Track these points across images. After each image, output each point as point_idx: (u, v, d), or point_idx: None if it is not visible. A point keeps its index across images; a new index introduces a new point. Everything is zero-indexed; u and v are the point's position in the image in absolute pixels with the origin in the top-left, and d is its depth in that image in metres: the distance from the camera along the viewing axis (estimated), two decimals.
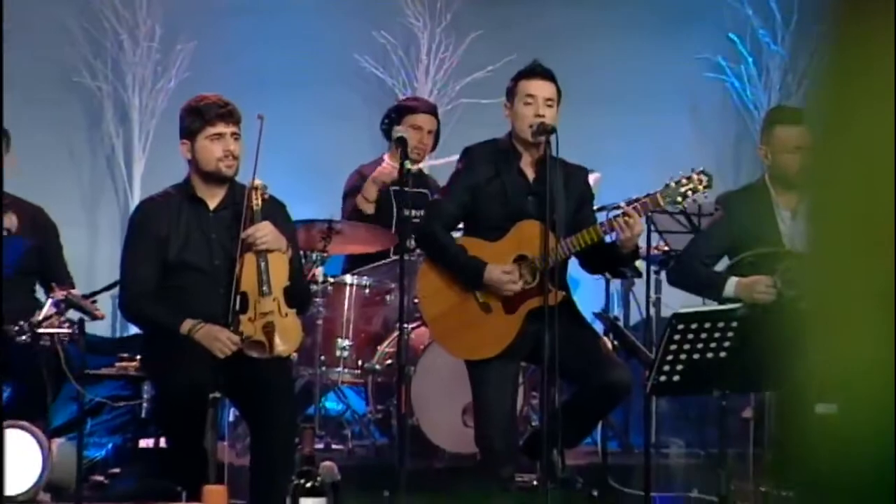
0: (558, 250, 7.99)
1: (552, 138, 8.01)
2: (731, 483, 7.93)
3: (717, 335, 7.66)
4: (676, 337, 7.59)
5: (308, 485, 5.28)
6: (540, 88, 8.18)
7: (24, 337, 8.54)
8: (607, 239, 8.09)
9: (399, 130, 9.05)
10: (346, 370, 9.55)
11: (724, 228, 8.66)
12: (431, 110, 10.00)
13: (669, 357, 7.64)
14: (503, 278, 8.07)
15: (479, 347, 8.15)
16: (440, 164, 10.06)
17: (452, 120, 9.82)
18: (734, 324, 7.60)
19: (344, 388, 9.78)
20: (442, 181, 8.83)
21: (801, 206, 8.47)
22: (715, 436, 8.35)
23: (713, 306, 8.11)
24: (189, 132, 8.07)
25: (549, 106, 8.13)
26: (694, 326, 7.62)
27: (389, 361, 9.42)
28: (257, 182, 8.02)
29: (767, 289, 8.25)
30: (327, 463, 6.32)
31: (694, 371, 7.59)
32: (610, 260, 8.39)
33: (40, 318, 8.71)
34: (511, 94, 8.24)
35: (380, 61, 10.73)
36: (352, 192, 9.93)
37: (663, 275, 9.83)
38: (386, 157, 9.89)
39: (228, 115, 8.06)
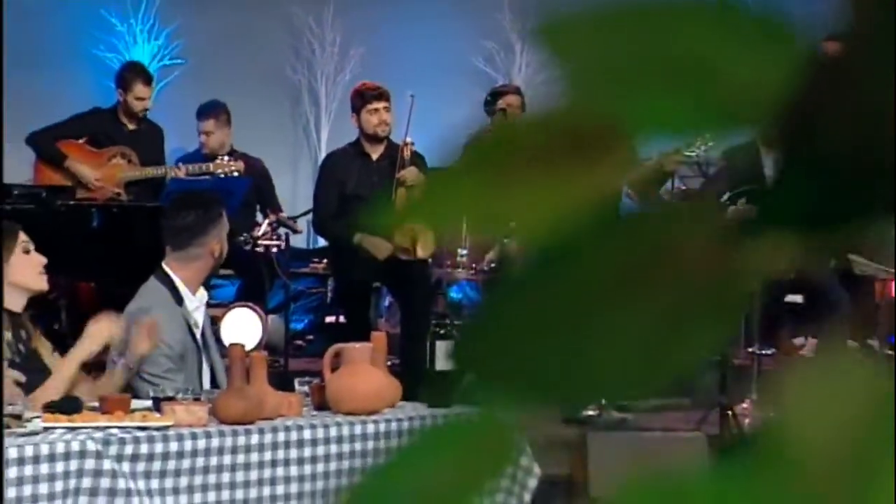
0: None
1: None
2: None
3: None
4: None
5: (441, 331, 5.36)
6: None
7: (248, 246, 8.70)
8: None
9: (500, 104, 9.17)
10: (463, 270, 9.64)
11: None
12: (518, 91, 10.08)
13: None
14: None
15: None
16: None
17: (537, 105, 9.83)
18: None
19: (462, 282, 9.87)
20: None
21: None
22: None
23: None
24: (356, 108, 8.25)
25: None
26: None
27: (494, 264, 9.52)
28: (407, 140, 8.17)
29: None
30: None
31: None
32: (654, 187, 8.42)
33: (259, 233, 8.85)
34: None
35: (488, 61, 10.78)
36: None
37: None
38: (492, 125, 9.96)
39: (381, 95, 8.20)
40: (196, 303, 5.10)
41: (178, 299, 5.03)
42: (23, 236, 4.75)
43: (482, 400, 0.59)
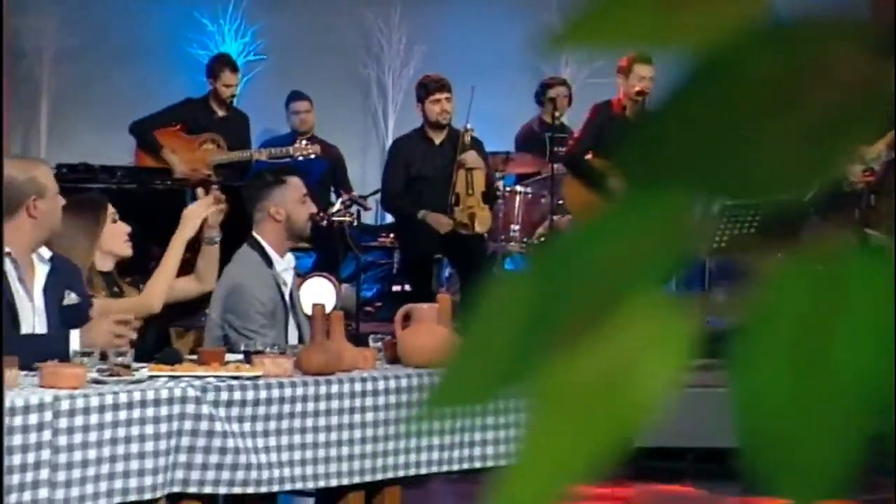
0: None
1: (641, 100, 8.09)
2: None
3: None
4: None
5: None
6: (647, 72, 8.18)
7: (323, 223, 8.73)
8: None
9: (549, 95, 9.18)
10: (516, 244, 9.63)
11: None
12: (565, 83, 10.04)
13: None
14: (617, 185, 8.14)
15: None
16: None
17: (582, 96, 9.78)
18: None
19: (515, 255, 9.87)
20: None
21: None
22: None
23: None
24: (420, 98, 8.26)
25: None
26: None
27: (543, 238, 9.51)
28: (467, 126, 8.17)
29: None
30: None
31: None
32: None
33: (333, 210, 8.89)
34: (626, 72, 8.23)
35: (539, 56, 10.73)
36: (527, 135, 9.95)
37: None
38: (542, 114, 9.92)
39: (443, 87, 8.21)
40: (284, 265, 5.14)
41: (269, 262, 5.07)
42: (111, 209, 4.83)
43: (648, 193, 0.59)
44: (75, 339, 4.14)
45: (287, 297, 5.14)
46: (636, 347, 0.59)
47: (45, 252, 4.36)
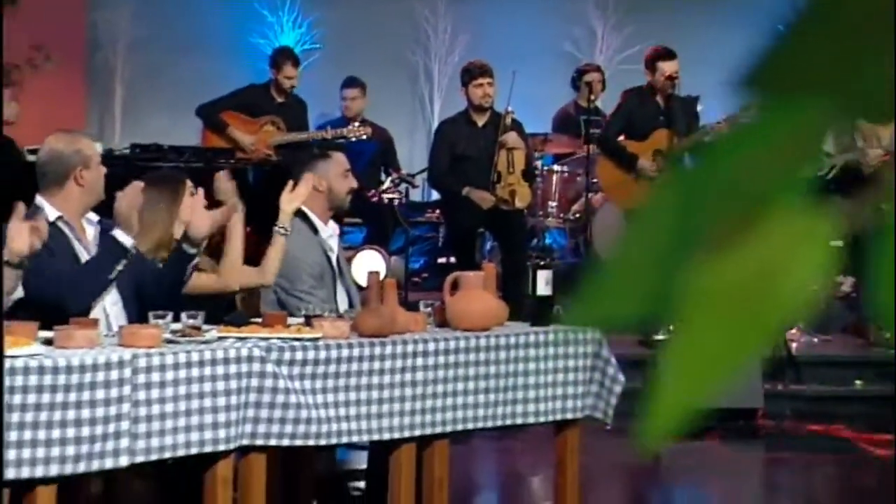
0: (679, 147, 7.98)
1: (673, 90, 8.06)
2: None
3: None
4: None
5: (541, 263, 5.22)
6: (671, 67, 8.14)
7: (374, 199, 8.76)
8: (707, 140, 8.08)
9: (584, 80, 9.16)
10: (553, 219, 9.63)
11: None
12: (599, 69, 10.01)
13: None
14: (646, 164, 8.10)
15: (632, 201, 8.20)
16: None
17: (615, 81, 9.74)
18: None
19: (553, 229, 9.88)
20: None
21: None
22: None
23: None
24: (464, 83, 8.24)
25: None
26: None
27: (578, 214, 9.50)
28: (508, 109, 8.15)
29: None
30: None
31: None
32: None
33: (383, 188, 8.92)
34: (651, 65, 8.20)
35: (575, 44, 10.72)
36: (563, 117, 9.93)
37: None
38: (578, 98, 9.90)
39: (485, 72, 8.18)
40: (329, 232, 5.18)
41: (314, 229, 5.11)
42: (189, 183, 4.86)
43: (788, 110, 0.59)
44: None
45: (334, 263, 5.19)
46: (781, 250, 0.59)
47: (93, 216, 4.49)
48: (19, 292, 4.11)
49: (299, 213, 5.07)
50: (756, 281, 0.59)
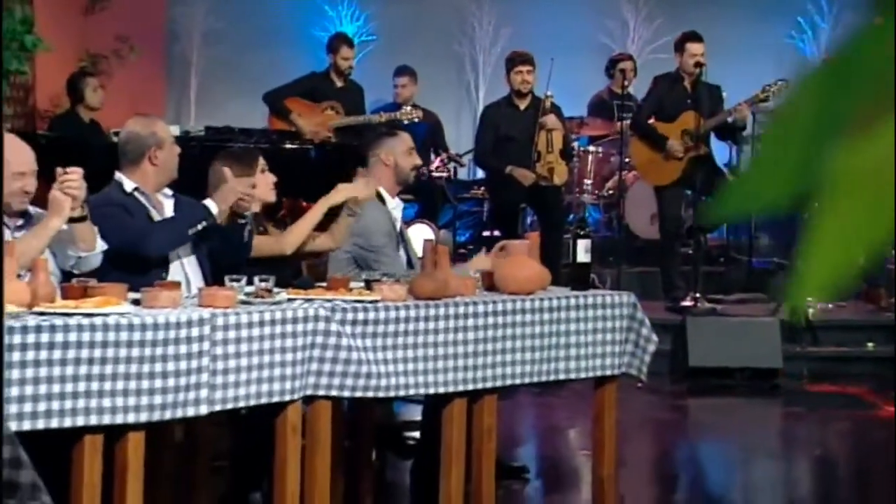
0: (704, 126, 7.94)
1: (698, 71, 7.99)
2: None
3: None
4: None
5: (581, 233, 5.17)
6: (699, 49, 8.08)
7: (424, 178, 8.74)
8: (729, 119, 8.01)
9: (617, 68, 9.10)
10: (588, 195, 9.60)
11: None
12: (631, 58, 9.92)
13: None
14: (675, 144, 8.04)
15: (661, 179, 8.16)
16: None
17: (645, 69, 9.65)
18: None
19: (588, 205, 9.85)
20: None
21: None
22: None
23: None
24: (507, 70, 8.22)
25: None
26: None
27: (612, 191, 9.45)
28: (548, 93, 8.11)
29: None
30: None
31: None
32: (730, 131, 8.30)
33: (433, 166, 8.90)
34: (680, 49, 8.14)
35: (608, 35, 10.64)
36: (598, 102, 9.87)
37: None
38: (611, 84, 9.85)
39: (525, 60, 8.16)
40: (394, 204, 5.18)
41: (382, 200, 5.11)
42: (261, 161, 4.88)
43: None
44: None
45: (397, 232, 5.19)
46: None
47: (168, 191, 4.55)
48: (101, 244, 4.15)
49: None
50: (891, 164, 0.57)
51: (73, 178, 3.93)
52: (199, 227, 4.43)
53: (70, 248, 4.08)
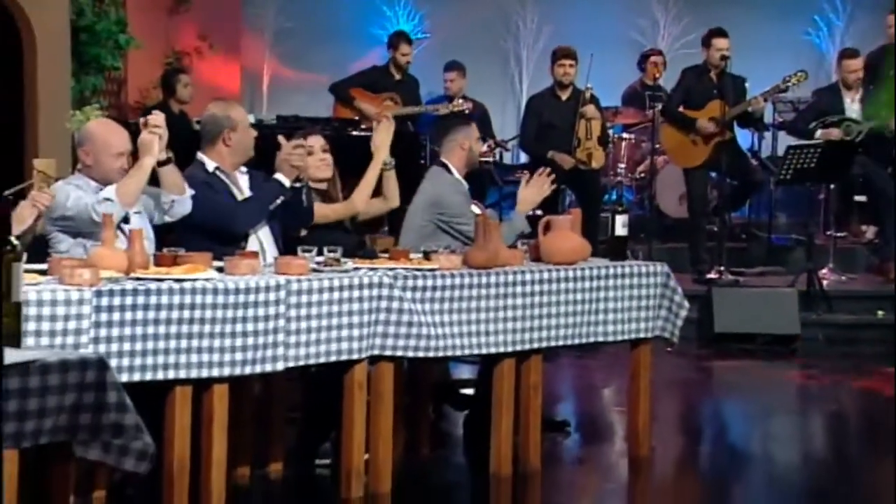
0: (729, 113, 7.84)
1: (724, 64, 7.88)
2: None
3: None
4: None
5: (619, 209, 5.16)
6: (724, 44, 7.97)
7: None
8: (749, 110, 7.90)
9: (649, 62, 9.01)
10: (622, 178, 9.52)
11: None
12: (661, 53, 9.79)
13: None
14: (704, 123, 7.93)
15: (689, 162, 8.08)
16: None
17: (674, 64, 9.53)
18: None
19: (621, 187, 9.74)
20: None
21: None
22: None
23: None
24: (551, 63, 8.15)
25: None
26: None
27: (643, 174, 9.36)
28: (588, 85, 8.03)
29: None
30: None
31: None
32: (751, 120, 8.20)
33: (481, 152, 8.83)
34: (707, 43, 8.03)
35: (640, 33, 10.52)
36: (631, 93, 9.77)
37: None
38: (643, 77, 9.74)
39: (567, 54, 8.06)
40: (460, 178, 5.15)
41: (451, 173, 5.10)
42: (318, 141, 4.91)
43: None
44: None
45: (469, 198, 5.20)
46: None
47: (243, 168, 4.54)
48: (189, 190, 4.20)
49: (443, 166, 5.12)
50: None
51: (157, 121, 4.01)
52: (278, 202, 4.45)
53: (162, 196, 4.14)
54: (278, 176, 4.50)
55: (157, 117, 4.04)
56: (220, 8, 9.29)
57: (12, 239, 2.54)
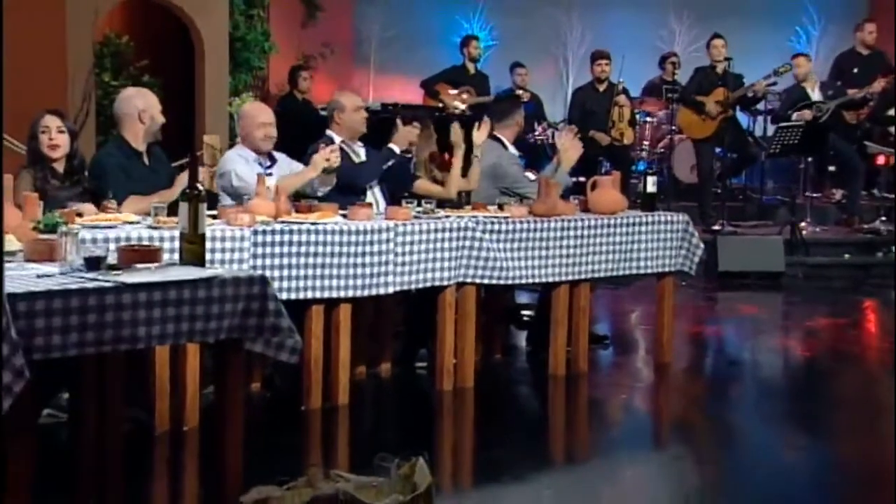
0: (732, 96, 7.55)
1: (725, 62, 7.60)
2: None
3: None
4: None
5: (650, 172, 4.98)
6: (720, 44, 7.68)
7: (531, 140, 8.49)
8: (749, 94, 7.60)
9: (667, 62, 8.69)
10: (645, 152, 9.25)
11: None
12: (676, 55, 9.44)
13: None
14: (711, 105, 7.67)
15: (700, 134, 7.85)
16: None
17: (687, 64, 9.18)
18: None
19: (644, 160, 9.47)
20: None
21: None
22: None
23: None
24: (591, 62, 7.92)
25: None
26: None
27: (662, 150, 9.10)
28: (620, 80, 7.83)
29: None
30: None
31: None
32: (750, 102, 7.92)
33: (537, 133, 8.64)
34: (708, 45, 7.74)
35: (661, 39, 10.16)
36: (652, 87, 9.46)
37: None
38: (662, 74, 9.41)
39: (602, 56, 7.82)
40: (514, 151, 4.99)
41: (505, 147, 4.94)
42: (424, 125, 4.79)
43: None
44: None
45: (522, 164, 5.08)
46: None
47: (359, 142, 4.43)
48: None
49: (497, 140, 4.93)
50: None
51: (334, 154, 3.97)
52: (390, 163, 4.36)
53: (317, 182, 4.09)
54: (392, 145, 4.41)
55: (335, 152, 3.99)
56: (339, 22, 9.23)
57: (198, 185, 2.57)
